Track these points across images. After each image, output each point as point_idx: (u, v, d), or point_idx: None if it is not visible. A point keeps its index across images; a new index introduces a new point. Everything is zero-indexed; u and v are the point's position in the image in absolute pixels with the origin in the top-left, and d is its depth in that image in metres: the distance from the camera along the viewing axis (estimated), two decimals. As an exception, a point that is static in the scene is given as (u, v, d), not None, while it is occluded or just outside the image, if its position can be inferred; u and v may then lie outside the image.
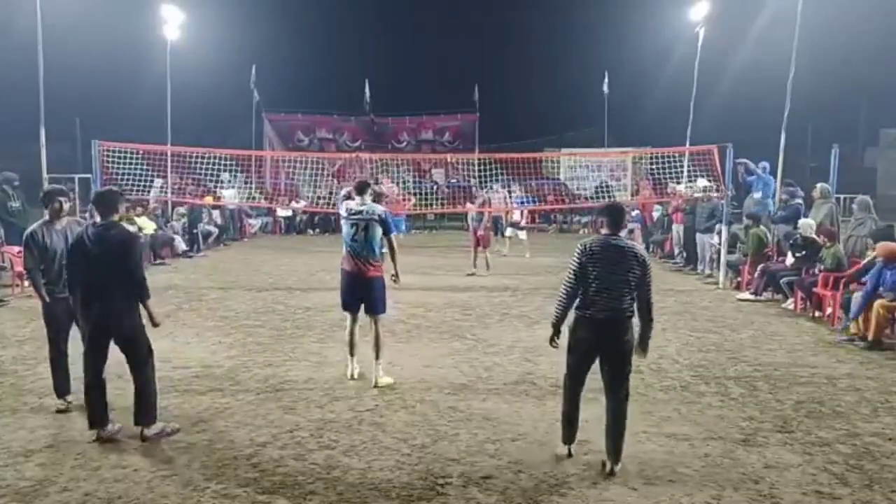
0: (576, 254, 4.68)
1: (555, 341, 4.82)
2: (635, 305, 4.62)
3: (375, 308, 6.54)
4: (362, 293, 6.53)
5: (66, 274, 5.28)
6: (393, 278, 6.77)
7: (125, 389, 5.38)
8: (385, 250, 6.75)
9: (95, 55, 25.12)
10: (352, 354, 6.64)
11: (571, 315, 4.73)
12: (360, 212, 6.51)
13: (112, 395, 5.28)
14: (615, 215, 4.82)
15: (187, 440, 5.12)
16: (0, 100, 23.56)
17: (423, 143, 27.58)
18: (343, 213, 6.69)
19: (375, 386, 6.38)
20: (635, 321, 4.67)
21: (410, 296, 10.31)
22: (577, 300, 4.67)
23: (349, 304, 6.63)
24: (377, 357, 6.48)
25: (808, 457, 4.93)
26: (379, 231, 6.50)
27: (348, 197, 7.05)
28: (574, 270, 4.66)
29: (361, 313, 6.64)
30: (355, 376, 6.60)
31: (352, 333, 6.62)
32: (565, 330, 4.77)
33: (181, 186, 17.66)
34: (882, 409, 5.97)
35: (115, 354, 5.21)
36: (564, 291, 4.71)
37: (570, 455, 4.78)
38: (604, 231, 4.78)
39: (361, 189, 6.65)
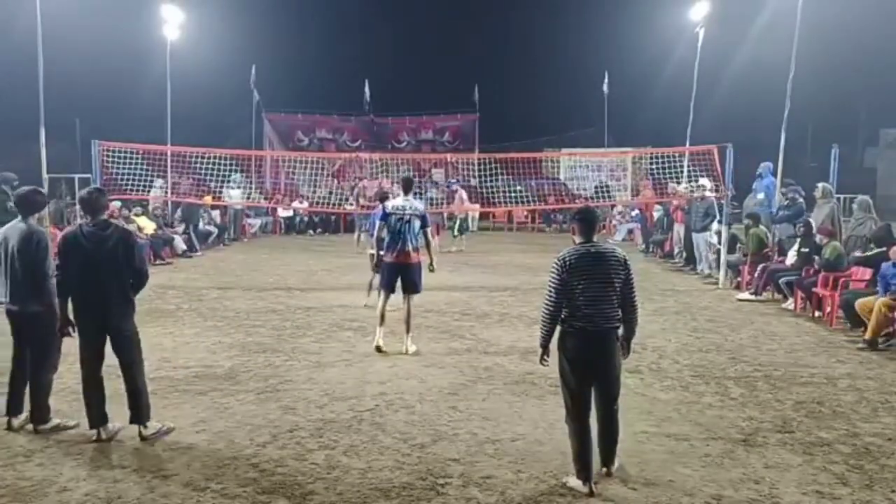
0: (554, 269, 4.43)
1: (545, 359, 4.55)
2: (620, 311, 4.48)
3: (415, 288, 7.60)
4: (404, 277, 7.51)
5: (58, 275, 5.10)
6: (430, 268, 7.80)
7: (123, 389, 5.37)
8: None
9: (95, 55, 25.08)
10: (381, 325, 7.50)
11: (557, 332, 4.50)
12: (404, 207, 7.48)
13: (111, 395, 5.27)
14: (588, 221, 4.59)
15: (187, 440, 5.12)
16: (0, 100, 23.54)
17: (423, 143, 27.58)
18: (388, 209, 7.56)
19: (405, 353, 7.37)
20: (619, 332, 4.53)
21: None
22: (563, 313, 4.45)
23: (388, 286, 7.58)
24: (408, 330, 7.52)
25: (808, 457, 4.92)
26: (418, 224, 7.49)
27: (384, 198, 8.05)
28: (555, 287, 4.41)
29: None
30: (381, 345, 7.45)
31: (383, 308, 7.53)
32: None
33: (189, 186, 17.71)
34: (882, 409, 5.96)
35: (110, 355, 5.19)
36: (548, 311, 4.47)
37: (592, 494, 4.29)
38: (578, 239, 4.56)
39: (407, 187, 7.74)
